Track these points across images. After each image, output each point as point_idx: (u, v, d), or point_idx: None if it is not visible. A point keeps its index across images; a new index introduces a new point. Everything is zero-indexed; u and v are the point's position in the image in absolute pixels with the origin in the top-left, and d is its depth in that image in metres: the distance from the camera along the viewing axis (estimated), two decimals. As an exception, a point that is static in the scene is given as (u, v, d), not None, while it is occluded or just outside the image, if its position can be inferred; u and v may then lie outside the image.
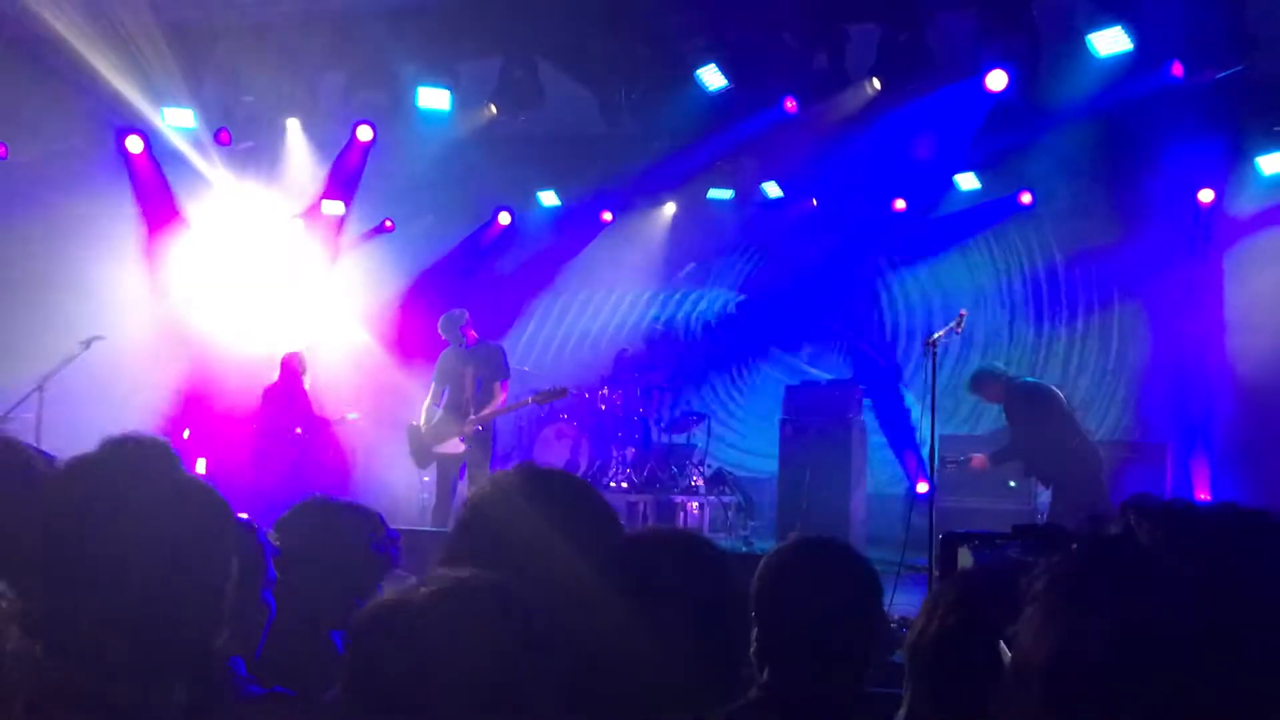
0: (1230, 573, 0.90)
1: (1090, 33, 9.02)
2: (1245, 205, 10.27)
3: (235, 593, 1.56)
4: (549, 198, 12.64)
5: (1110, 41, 9.03)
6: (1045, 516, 8.48)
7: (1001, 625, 1.00)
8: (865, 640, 2.26)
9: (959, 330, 7.85)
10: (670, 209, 12.93)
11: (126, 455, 1.59)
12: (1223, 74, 9.09)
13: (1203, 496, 10.17)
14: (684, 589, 1.70)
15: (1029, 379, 8.50)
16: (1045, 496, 9.10)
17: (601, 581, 1.56)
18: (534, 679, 1.30)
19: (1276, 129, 9.88)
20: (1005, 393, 7.99)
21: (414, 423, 9.35)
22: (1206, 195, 10.37)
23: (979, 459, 8.18)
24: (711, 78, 9.99)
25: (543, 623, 1.34)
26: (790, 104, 10.28)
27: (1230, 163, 10.11)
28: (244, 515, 2.31)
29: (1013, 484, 9.75)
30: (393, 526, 2.90)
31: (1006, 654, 0.99)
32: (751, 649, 2.08)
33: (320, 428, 9.88)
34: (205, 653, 1.56)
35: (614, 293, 12.86)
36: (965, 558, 5.03)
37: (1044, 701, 0.92)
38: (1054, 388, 8.16)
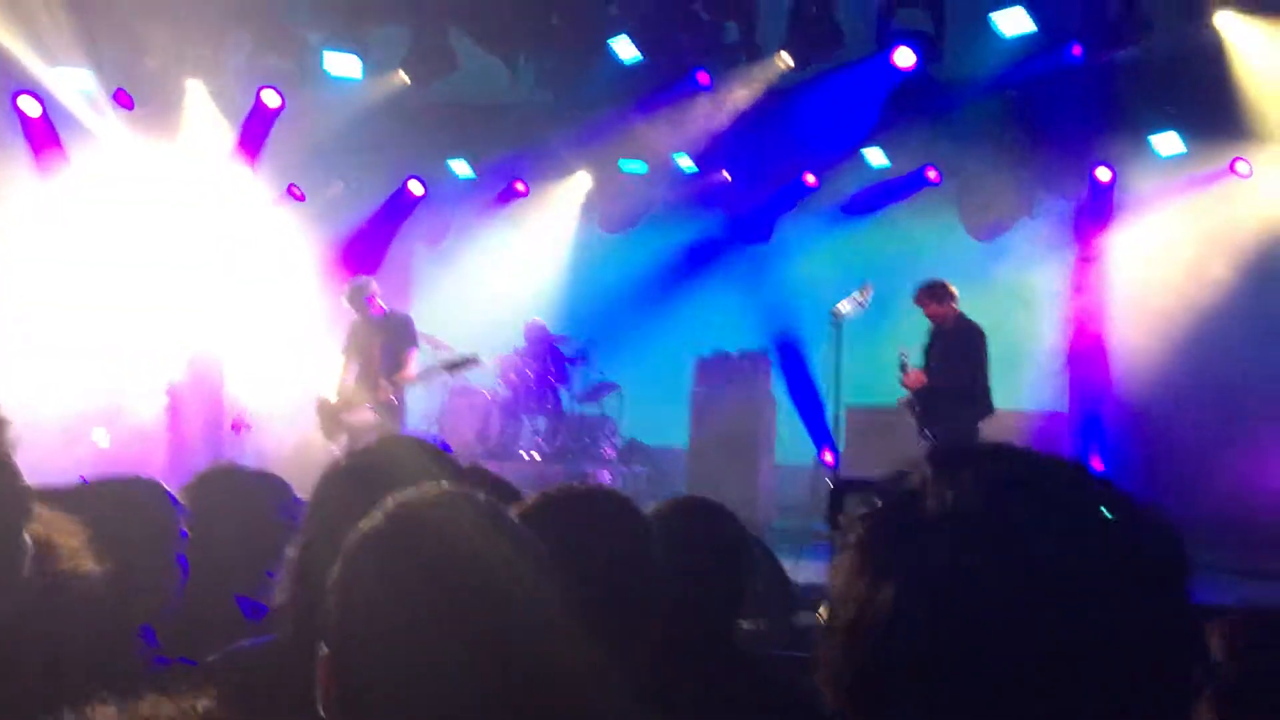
0: (995, 519, 0.93)
1: (994, 12, 9.22)
2: (1140, 183, 10.60)
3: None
4: (461, 167, 12.52)
5: (1014, 22, 9.25)
6: None
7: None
8: (729, 590, 2.43)
9: (864, 302, 7.99)
10: (583, 179, 12.90)
11: None
12: (1119, 55, 9.38)
13: (1097, 464, 10.53)
14: (594, 545, 1.71)
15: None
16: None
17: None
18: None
19: (1168, 108, 10.20)
20: (955, 318, 8.04)
21: (322, 396, 9.24)
22: (1104, 174, 10.68)
23: (916, 375, 8.11)
24: (624, 48, 10.00)
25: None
26: (702, 76, 10.33)
27: (1127, 142, 10.42)
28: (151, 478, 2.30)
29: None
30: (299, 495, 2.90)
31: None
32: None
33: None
34: None
35: (526, 262, 12.82)
36: (854, 505, 5.16)
37: (844, 648, 0.95)
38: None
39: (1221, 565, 7.37)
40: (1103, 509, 0.95)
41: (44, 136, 10.46)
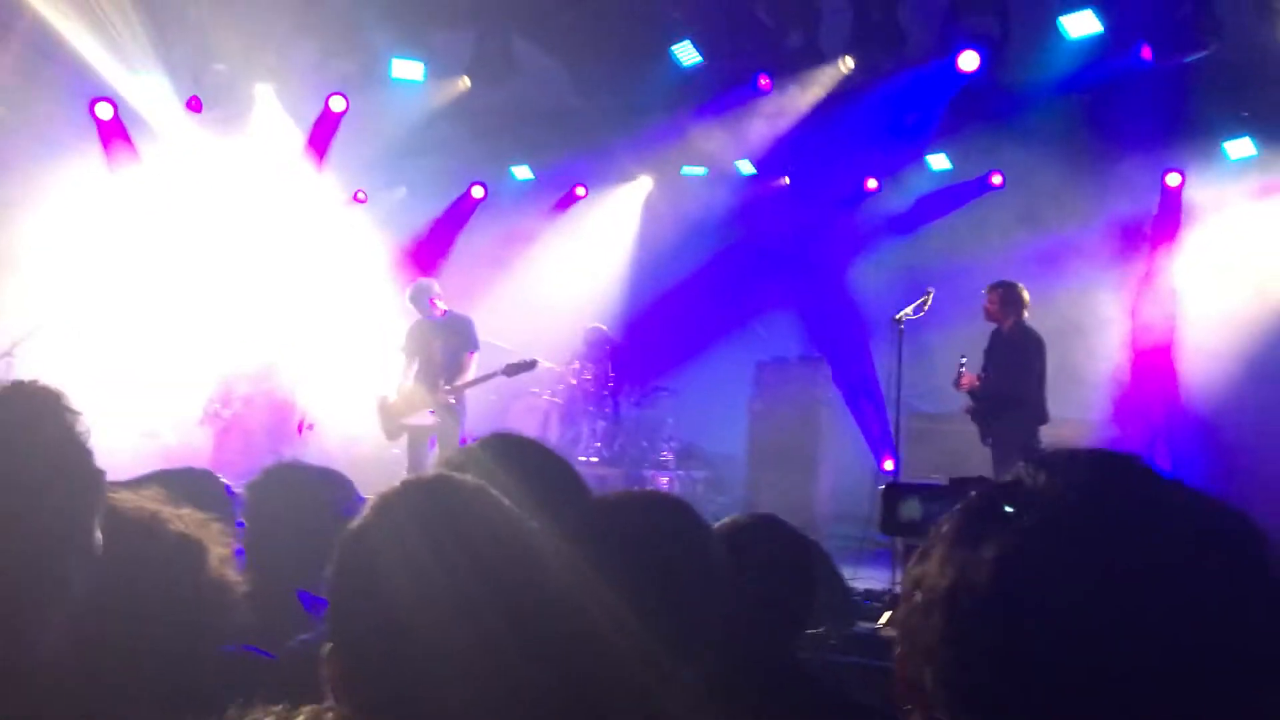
0: (1092, 507, 0.96)
1: (1062, 15, 9.10)
2: (1211, 189, 10.38)
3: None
4: (522, 171, 12.60)
5: (1081, 24, 9.13)
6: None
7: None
8: (795, 611, 2.44)
9: (925, 309, 7.92)
10: (645, 184, 12.93)
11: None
12: (1190, 58, 9.20)
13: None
14: (656, 548, 1.72)
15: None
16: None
17: (573, 544, 1.58)
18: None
19: (1243, 114, 9.98)
20: (1016, 323, 8.02)
21: (382, 396, 9.35)
22: (1174, 179, 10.47)
23: (970, 378, 8.16)
24: (686, 53, 10.00)
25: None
26: (764, 81, 10.31)
27: (1196, 148, 10.21)
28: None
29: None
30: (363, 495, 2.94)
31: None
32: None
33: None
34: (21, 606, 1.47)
35: (586, 267, 12.86)
36: (910, 509, 5.13)
37: (943, 628, 0.97)
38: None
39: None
40: (1196, 511, 0.97)
41: (117, 138, 10.68)
